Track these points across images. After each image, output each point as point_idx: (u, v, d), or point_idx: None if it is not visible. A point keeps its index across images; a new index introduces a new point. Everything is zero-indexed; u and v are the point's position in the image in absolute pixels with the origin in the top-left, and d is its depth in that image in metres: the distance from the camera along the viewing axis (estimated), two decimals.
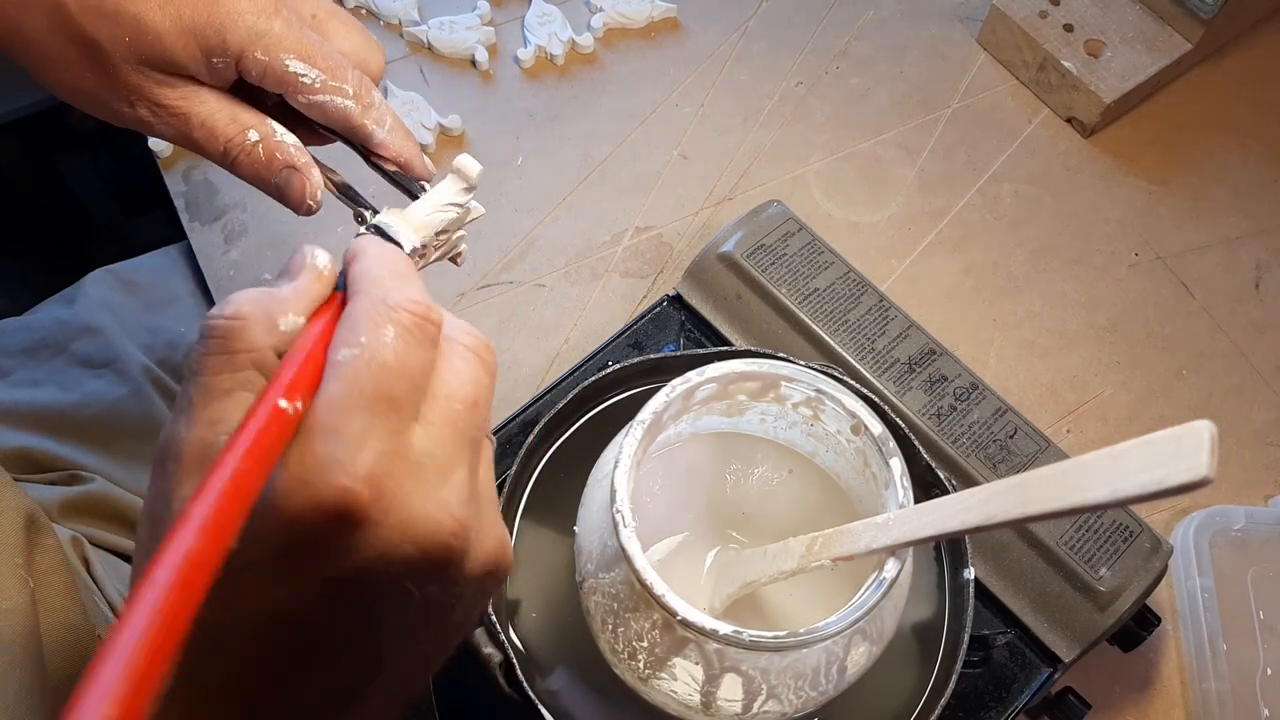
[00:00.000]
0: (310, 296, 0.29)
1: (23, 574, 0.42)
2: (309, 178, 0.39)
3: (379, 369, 0.26)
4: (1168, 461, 0.26)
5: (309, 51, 0.38)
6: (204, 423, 0.27)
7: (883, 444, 0.43)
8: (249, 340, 0.27)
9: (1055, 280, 0.69)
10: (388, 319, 0.27)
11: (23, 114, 0.92)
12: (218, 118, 0.39)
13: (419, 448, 0.27)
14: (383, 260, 0.30)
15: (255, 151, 0.39)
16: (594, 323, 0.65)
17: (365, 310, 0.27)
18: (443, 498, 0.27)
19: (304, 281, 0.29)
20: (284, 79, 0.38)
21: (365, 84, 0.40)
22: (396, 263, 0.30)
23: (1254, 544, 0.59)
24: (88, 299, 0.65)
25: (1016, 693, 0.51)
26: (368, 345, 0.27)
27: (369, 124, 0.39)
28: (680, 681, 0.41)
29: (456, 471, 0.28)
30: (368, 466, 0.25)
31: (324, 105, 0.39)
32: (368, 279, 0.29)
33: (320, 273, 0.29)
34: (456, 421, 0.28)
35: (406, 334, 0.27)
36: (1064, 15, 0.75)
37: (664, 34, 0.77)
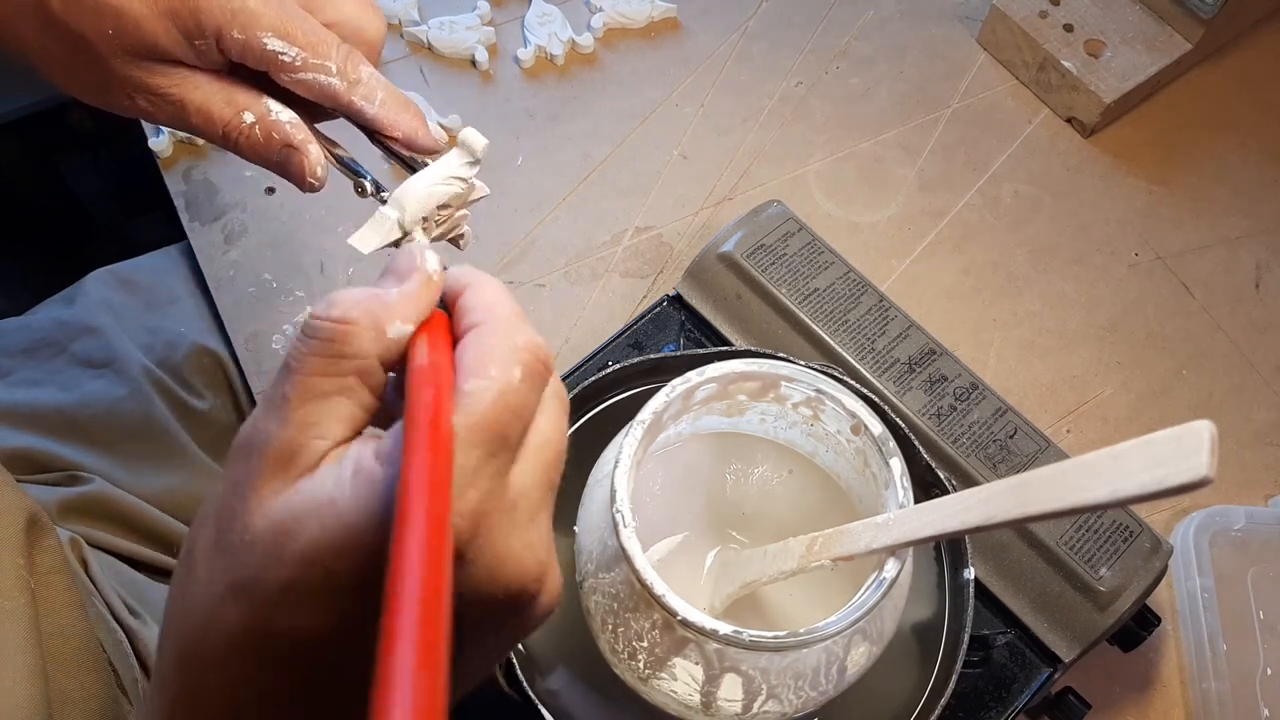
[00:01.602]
0: (420, 304, 0.29)
1: (24, 575, 0.42)
2: (307, 155, 0.39)
3: (503, 409, 0.26)
4: (1168, 461, 0.26)
5: (288, 28, 0.37)
6: (297, 424, 0.26)
7: (883, 444, 0.43)
8: (356, 347, 0.27)
9: (1055, 280, 0.69)
10: (516, 358, 0.27)
11: (23, 114, 0.92)
12: (213, 101, 0.38)
13: (516, 488, 0.27)
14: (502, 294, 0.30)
15: (253, 133, 0.38)
16: (594, 323, 0.65)
17: (497, 346, 0.27)
18: (530, 540, 0.27)
19: (414, 287, 0.29)
20: (264, 57, 0.37)
21: (352, 58, 0.39)
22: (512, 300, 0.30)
23: (1254, 544, 0.59)
24: (88, 299, 0.65)
25: (1016, 693, 0.51)
26: (497, 381, 0.26)
27: (357, 100, 0.39)
28: (680, 681, 0.41)
29: (542, 515, 0.28)
30: (473, 504, 0.25)
31: (308, 83, 0.38)
32: (494, 311, 0.29)
33: (430, 278, 0.29)
34: (548, 467, 0.28)
35: (530, 377, 0.27)
36: (1064, 15, 0.75)
37: (664, 34, 0.77)
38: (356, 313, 0.27)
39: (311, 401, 0.26)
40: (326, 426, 0.27)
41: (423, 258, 0.29)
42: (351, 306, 0.27)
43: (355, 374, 0.27)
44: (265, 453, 0.26)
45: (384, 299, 0.28)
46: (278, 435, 0.26)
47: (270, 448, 0.26)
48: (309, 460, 0.26)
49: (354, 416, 0.27)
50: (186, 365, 0.63)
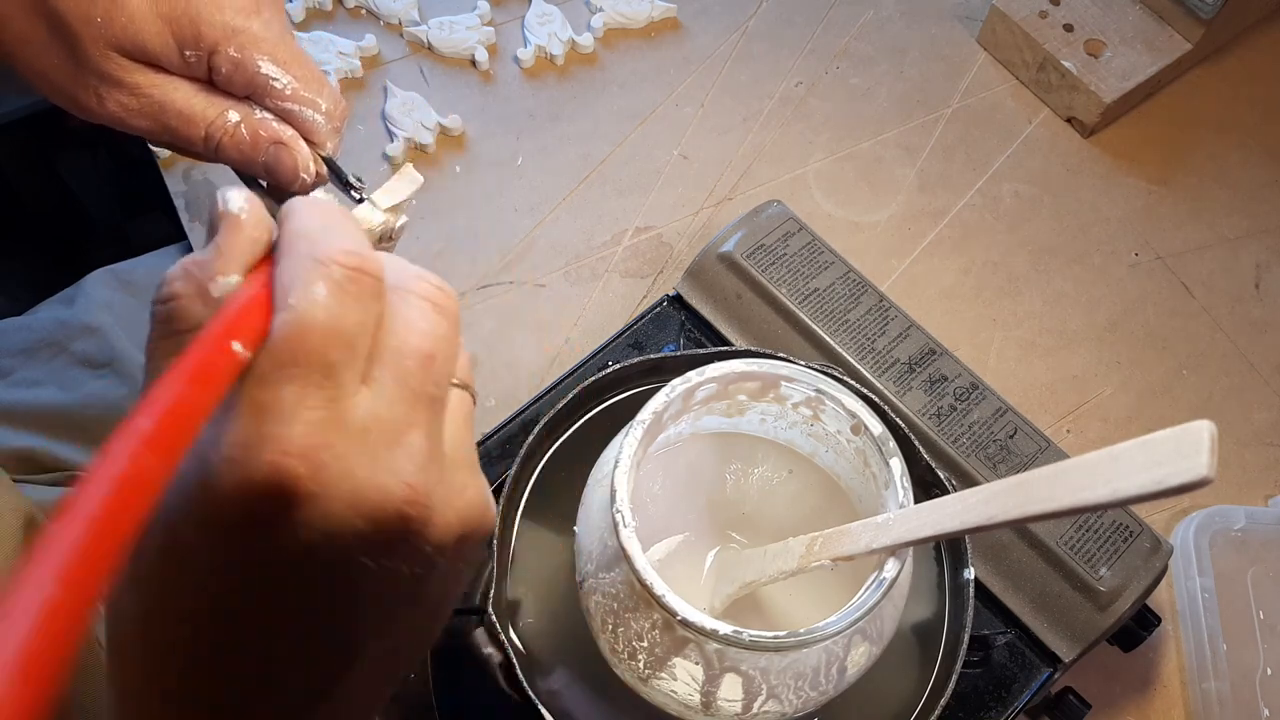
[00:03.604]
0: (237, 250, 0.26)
1: None
2: (299, 151, 0.38)
3: (310, 332, 0.24)
4: (1168, 461, 0.26)
5: (284, 56, 0.37)
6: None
7: (883, 444, 0.43)
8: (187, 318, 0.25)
9: (1055, 280, 0.69)
10: (317, 275, 0.25)
11: (23, 114, 0.92)
12: (194, 102, 0.37)
13: (364, 412, 0.25)
14: (312, 213, 0.27)
15: (238, 132, 0.37)
16: (594, 323, 0.65)
17: (292, 268, 0.25)
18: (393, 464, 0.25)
19: (224, 237, 0.26)
20: (254, 80, 0.37)
21: (342, 109, 0.39)
22: (329, 214, 0.27)
23: (1254, 544, 0.59)
24: (88, 299, 0.65)
25: (1016, 693, 0.51)
26: (296, 307, 0.24)
27: (331, 146, 0.38)
28: (680, 681, 0.41)
29: (411, 433, 0.26)
30: (301, 439, 0.24)
31: (293, 114, 0.37)
32: (296, 234, 0.26)
33: (237, 218, 0.27)
34: (408, 379, 0.26)
35: (339, 290, 0.25)
36: (1064, 15, 0.75)
37: (664, 34, 0.77)
38: (180, 285, 0.26)
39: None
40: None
41: (224, 201, 0.27)
42: (175, 280, 0.26)
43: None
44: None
45: (198, 259, 0.26)
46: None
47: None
48: None
49: None
50: None
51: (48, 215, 1.06)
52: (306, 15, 0.75)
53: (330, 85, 0.39)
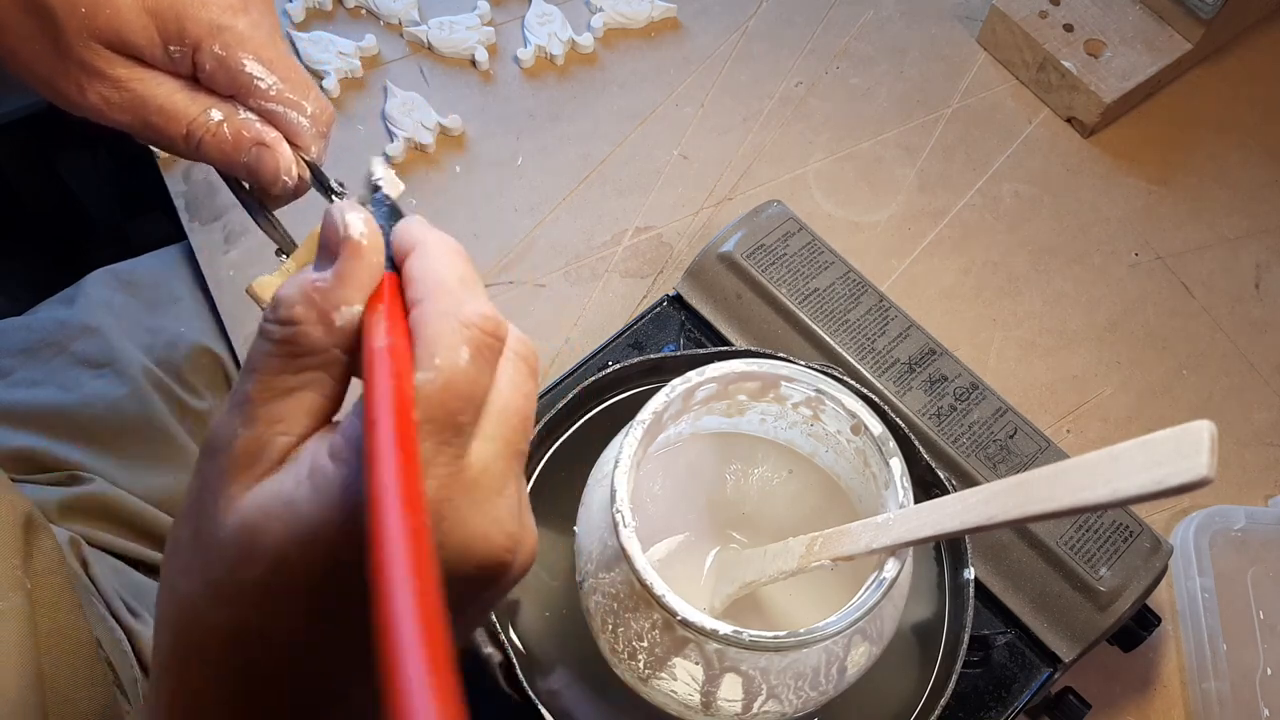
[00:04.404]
0: (359, 279, 0.27)
1: (19, 575, 0.42)
2: (281, 153, 0.37)
3: (452, 396, 0.25)
4: (1168, 461, 0.26)
5: (270, 56, 0.37)
6: (262, 421, 0.26)
7: (883, 444, 0.43)
8: (311, 343, 0.26)
9: (1055, 280, 0.69)
10: (463, 339, 0.26)
11: (23, 114, 0.92)
12: (176, 98, 0.37)
13: (477, 466, 0.26)
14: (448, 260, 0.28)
15: (221, 131, 0.37)
16: (594, 323, 0.65)
17: (439, 328, 0.26)
18: (498, 515, 0.27)
19: (346, 265, 0.27)
20: (238, 79, 0.36)
21: (329, 114, 0.38)
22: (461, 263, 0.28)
23: (1254, 544, 0.59)
24: (88, 299, 0.64)
25: (1016, 693, 0.51)
26: (442, 369, 0.25)
27: (315, 150, 0.38)
28: (680, 681, 0.41)
29: (509, 485, 0.28)
30: (432, 493, 0.25)
31: (276, 115, 0.37)
32: (437, 284, 0.27)
33: (360, 245, 0.27)
34: (511, 437, 0.28)
35: (478, 355, 0.26)
36: (1064, 15, 0.75)
37: (664, 34, 0.77)
38: (300, 309, 0.26)
39: (274, 399, 0.26)
40: (292, 422, 0.27)
41: (345, 225, 0.28)
42: (294, 302, 0.26)
43: (317, 368, 0.27)
44: (231, 451, 0.26)
45: (320, 286, 0.27)
46: (242, 434, 0.26)
47: (235, 446, 0.26)
48: (275, 456, 0.27)
49: (320, 407, 0.27)
50: (186, 365, 0.63)
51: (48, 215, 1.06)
52: (306, 15, 0.75)
53: (317, 89, 0.38)
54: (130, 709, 0.47)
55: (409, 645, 0.19)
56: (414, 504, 0.22)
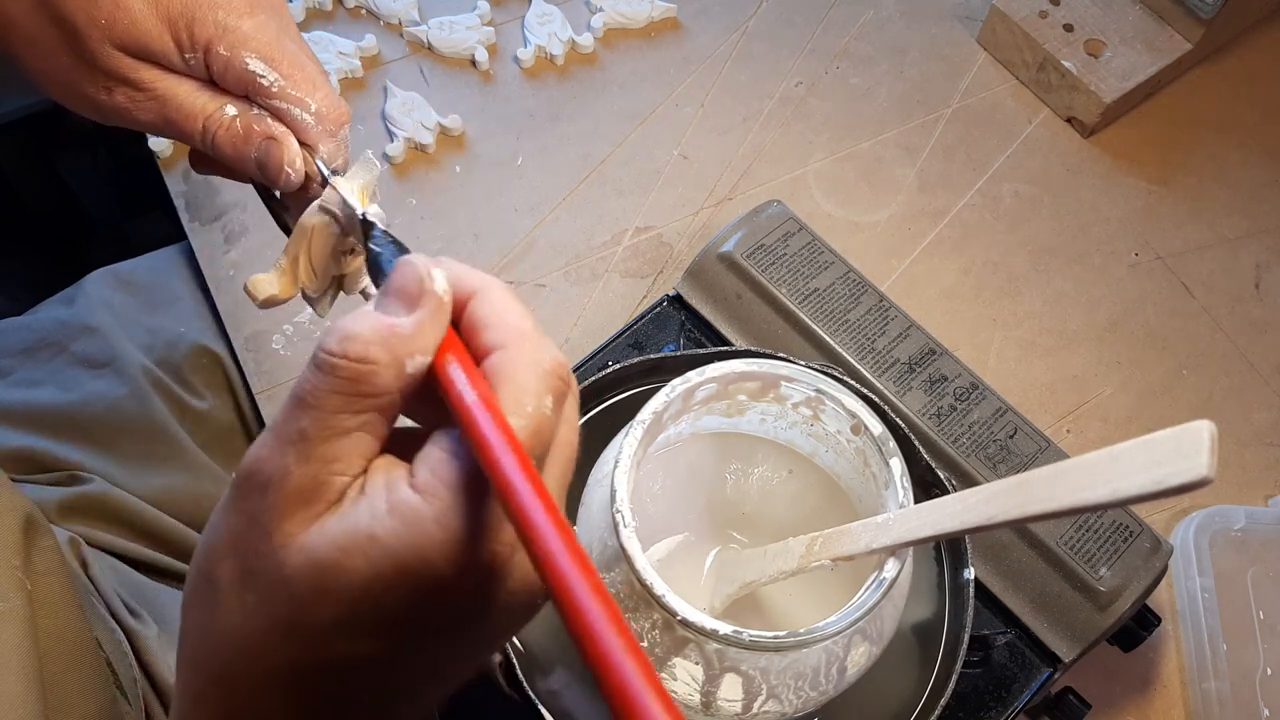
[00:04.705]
0: (437, 331, 0.28)
1: (20, 576, 0.42)
2: (288, 145, 0.38)
3: (539, 441, 0.27)
4: (1168, 461, 0.26)
5: (273, 54, 0.37)
6: (319, 459, 0.26)
7: (883, 444, 0.43)
8: (378, 385, 0.26)
9: (1055, 280, 0.69)
10: (546, 386, 0.27)
11: (22, 114, 0.92)
12: (195, 96, 0.38)
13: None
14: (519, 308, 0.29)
15: (234, 126, 0.38)
16: (594, 323, 0.65)
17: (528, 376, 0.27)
18: None
19: (427, 316, 0.28)
20: (244, 78, 0.37)
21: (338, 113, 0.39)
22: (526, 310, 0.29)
23: (1254, 544, 0.59)
24: (88, 299, 0.64)
25: (1016, 693, 0.51)
26: (533, 416, 0.26)
27: (324, 148, 0.39)
28: (680, 681, 0.41)
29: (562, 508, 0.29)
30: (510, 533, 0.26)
31: (281, 112, 0.38)
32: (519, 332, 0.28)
33: (443, 301, 0.28)
34: (567, 468, 0.29)
35: (558, 403, 0.27)
36: (1064, 15, 0.75)
37: (664, 34, 0.77)
38: (376, 350, 0.26)
39: (333, 438, 0.26)
40: (349, 462, 0.27)
41: (430, 278, 0.28)
42: (370, 341, 0.26)
43: (376, 410, 0.27)
44: (285, 488, 0.26)
45: (400, 331, 0.27)
46: (298, 471, 0.26)
47: (290, 483, 0.26)
48: (332, 495, 0.27)
49: (372, 449, 0.28)
50: (186, 365, 0.63)
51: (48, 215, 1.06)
52: (306, 15, 0.75)
53: (328, 90, 0.39)
54: (129, 709, 0.47)
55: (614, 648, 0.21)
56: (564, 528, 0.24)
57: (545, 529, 0.23)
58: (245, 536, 0.27)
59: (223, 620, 0.27)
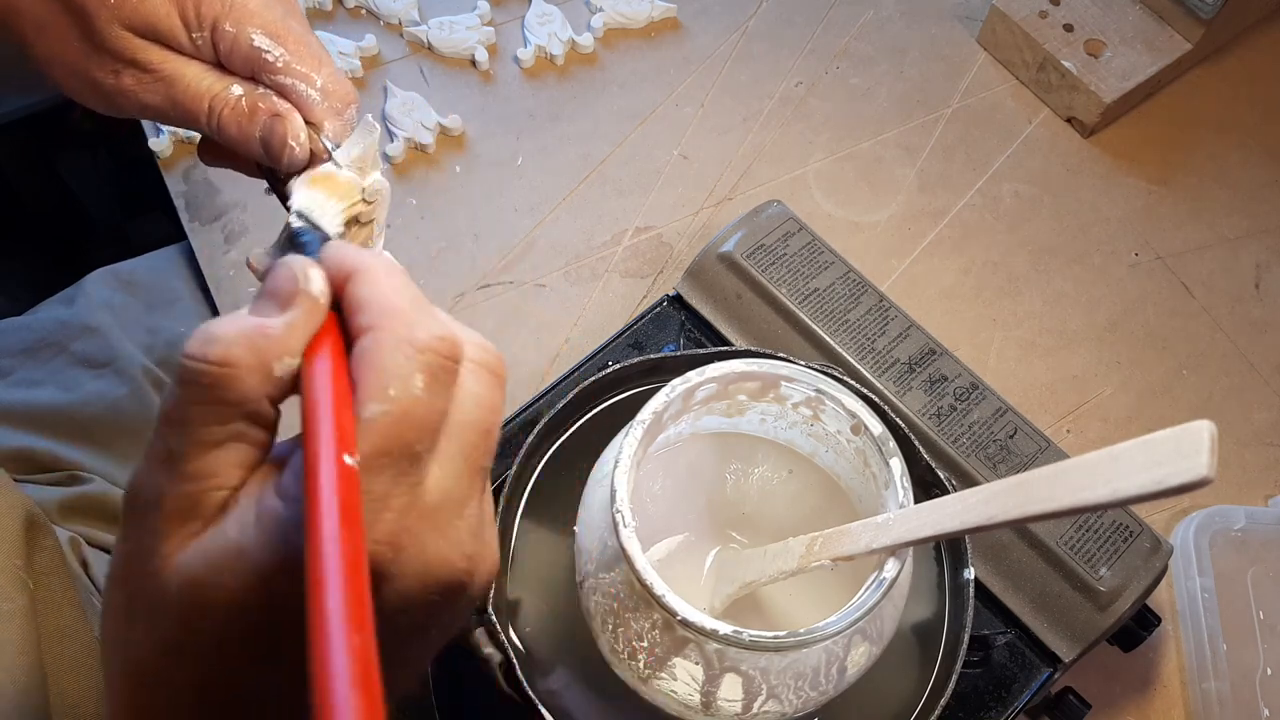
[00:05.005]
0: (307, 331, 0.26)
1: (22, 576, 0.42)
2: (292, 121, 0.38)
3: (408, 427, 0.25)
4: (1168, 461, 0.26)
5: (279, 30, 0.37)
6: (191, 476, 0.25)
7: (883, 444, 0.43)
8: (242, 392, 0.25)
9: (1055, 280, 0.69)
10: (416, 365, 0.25)
11: (23, 114, 0.92)
12: (203, 77, 0.38)
13: (435, 492, 0.26)
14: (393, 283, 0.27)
15: (239, 105, 0.38)
16: (594, 323, 0.65)
17: (392, 357, 0.25)
18: (457, 537, 0.26)
19: (298, 316, 0.26)
20: (250, 54, 0.37)
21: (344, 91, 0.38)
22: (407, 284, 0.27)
23: (1254, 544, 0.59)
24: (88, 299, 0.65)
25: (1016, 693, 0.51)
26: (398, 399, 0.25)
27: (329, 127, 0.38)
28: (680, 681, 0.41)
29: (469, 505, 0.27)
30: (388, 526, 0.25)
31: (286, 88, 0.38)
32: (386, 309, 0.26)
33: (317, 302, 0.26)
34: (471, 454, 0.27)
35: (434, 381, 0.25)
36: (1064, 15, 0.75)
37: (664, 34, 0.77)
38: (238, 351, 0.25)
39: (203, 454, 0.25)
40: (225, 475, 0.25)
41: (305, 279, 0.26)
42: (232, 345, 0.25)
43: (244, 419, 0.25)
44: (162, 509, 0.25)
45: (267, 332, 0.25)
46: (172, 491, 0.25)
47: (167, 504, 0.25)
48: (209, 511, 0.25)
49: (249, 458, 0.26)
50: None
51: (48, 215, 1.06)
52: (307, 15, 0.75)
53: (333, 69, 0.39)
54: None
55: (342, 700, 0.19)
56: (352, 558, 0.21)
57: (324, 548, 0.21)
58: (131, 562, 0.26)
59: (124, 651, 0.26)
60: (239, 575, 0.24)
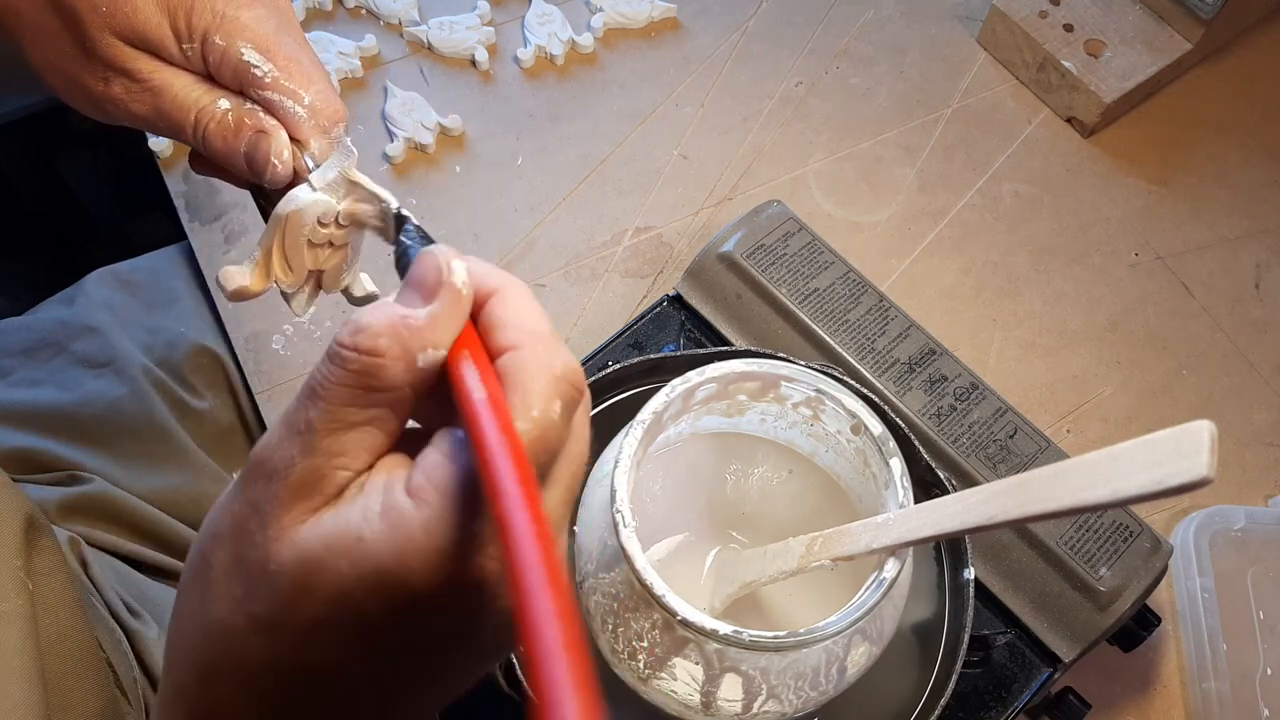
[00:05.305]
0: (452, 326, 0.27)
1: (22, 576, 0.42)
2: (276, 138, 0.38)
3: (543, 449, 0.26)
4: (1168, 461, 0.26)
5: (271, 48, 0.37)
6: (324, 452, 0.26)
7: (883, 444, 0.43)
8: (388, 379, 0.26)
9: (1055, 280, 0.69)
10: (557, 392, 0.26)
11: (22, 114, 0.92)
12: (191, 89, 0.38)
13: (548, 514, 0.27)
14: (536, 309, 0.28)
15: (225, 119, 0.38)
16: (594, 323, 0.65)
17: (538, 379, 0.26)
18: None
19: (444, 308, 0.27)
20: (238, 68, 0.37)
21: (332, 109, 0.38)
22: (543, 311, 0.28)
23: (1254, 544, 0.59)
24: (88, 299, 0.65)
25: (1016, 693, 0.51)
26: (539, 422, 0.25)
27: (315, 145, 0.38)
28: (680, 681, 0.41)
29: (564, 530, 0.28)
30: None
31: (273, 104, 0.38)
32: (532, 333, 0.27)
33: (461, 294, 0.27)
34: (574, 482, 0.28)
35: (569, 409, 0.26)
36: (1064, 15, 0.75)
37: (664, 34, 0.77)
38: (385, 341, 0.26)
39: (339, 431, 0.26)
40: (354, 457, 0.26)
41: (449, 269, 0.28)
42: (379, 334, 0.26)
43: (386, 405, 0.26)
44: (288, 479, 0.26)
45: (413, 324, 0.26)
46: (302, 463, 0.26)
47: (293, 474, 0.26)
48: (332, 489, 0.26)
49: (381, 445, 0.27)
50: (186, 365, 0.63)
51: (48, 215, 1.06)
52: (307, 15, 0.75)
53: (324, 86, 0.39)
54: (130, 709, 0.47)
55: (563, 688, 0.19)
56: (548, 548, 0.22)
57: (524, 539, 0.22)
58: (244, 524, 0.26)
59: (210, 609, 0.27)
60: (355, 563, 0.25)
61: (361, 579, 0.25)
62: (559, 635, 0.20)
